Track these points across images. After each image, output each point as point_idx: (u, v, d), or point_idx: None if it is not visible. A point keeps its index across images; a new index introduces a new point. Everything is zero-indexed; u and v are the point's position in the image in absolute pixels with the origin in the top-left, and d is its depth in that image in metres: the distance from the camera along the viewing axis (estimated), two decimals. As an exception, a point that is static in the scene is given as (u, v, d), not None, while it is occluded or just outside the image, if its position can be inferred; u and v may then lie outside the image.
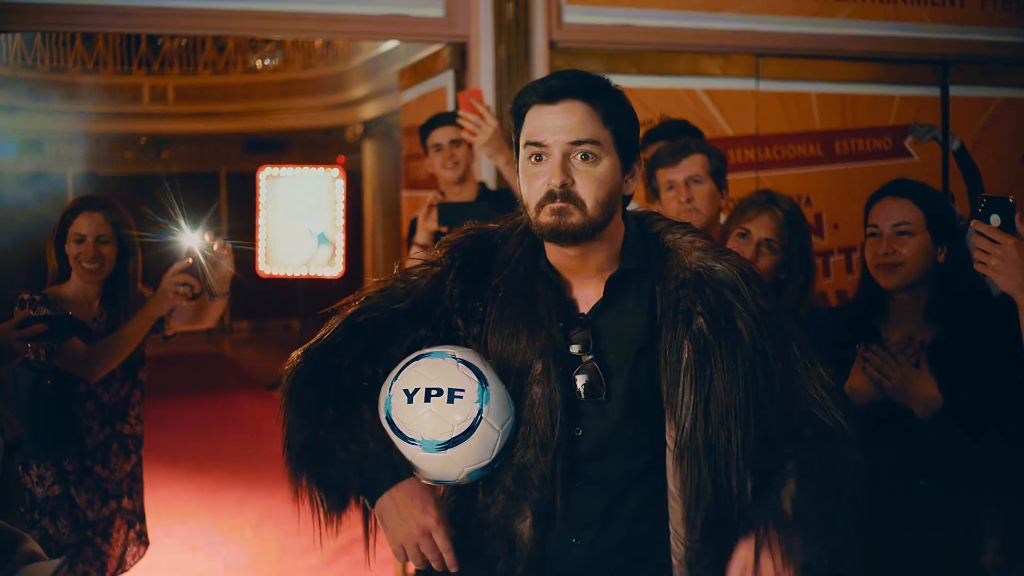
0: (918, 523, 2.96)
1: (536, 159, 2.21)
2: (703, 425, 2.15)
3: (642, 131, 5.73)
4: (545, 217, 2.18)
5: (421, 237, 4.56)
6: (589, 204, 2.18)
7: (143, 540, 4.20)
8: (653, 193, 4.06)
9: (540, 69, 6.25)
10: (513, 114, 2.28)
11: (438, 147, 4.89)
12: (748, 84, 6.88)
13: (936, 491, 2.96)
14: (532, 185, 2.21)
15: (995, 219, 2.52)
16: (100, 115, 16.19)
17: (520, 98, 2.26)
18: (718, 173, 3.89)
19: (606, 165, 2.20)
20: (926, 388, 2.90)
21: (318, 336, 2.36)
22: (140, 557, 4.20)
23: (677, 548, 2.20)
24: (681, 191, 3.83)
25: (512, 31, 6.24)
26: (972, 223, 2.56)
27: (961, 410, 2.87)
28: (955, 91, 7.22)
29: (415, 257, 2.47)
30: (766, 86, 6.90)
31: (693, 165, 3.86)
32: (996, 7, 7.20)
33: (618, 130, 2.22)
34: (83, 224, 4.01)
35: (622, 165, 2.25)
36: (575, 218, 2.17)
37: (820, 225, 6.94)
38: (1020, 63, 7.35)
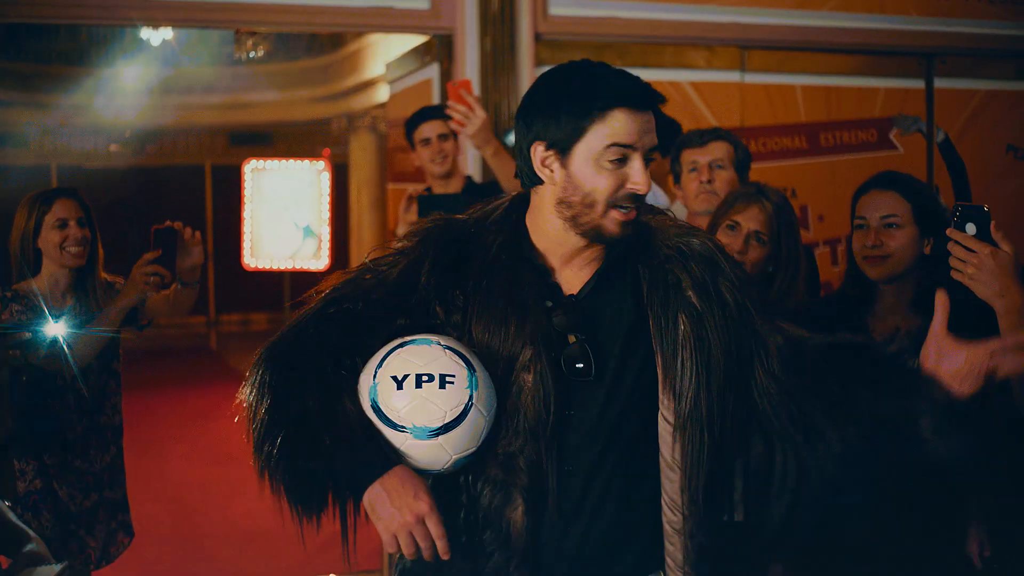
0: (903, 512, 2.96)
1: (620, 160, 2.22)
2: (706, 394, 2.21)
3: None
4: (613, 226, 2.24)
5: (403, 230, 4.56)
6: (644, 207, 2.29)
7: (127, 531, 4.19)
8: (675, 175, 4.11)
9: (526, 61, 6.24)
10: (583, 106, 2.24)
11: (426, 141, 4.89)
12: (733, 76, 6.89)
13: (922, 481, 2.97)
14: (606, 182, 2.23)
15: (970, 228, 2.54)
16: (84, 107, 16.12)
17: (603, 96, 2.24)
18: (741, 165, 3.99)
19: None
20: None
21: (282, 332, 2.36)
22: (124, 548, 4.19)
23: (674, 518, 2.23)
24: (704, 172, 3.94)
25: (498, 23, 6.24)
26: (947, 232, 2.57)
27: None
28: (940, 83, 7.24)
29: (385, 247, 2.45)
30: (751, 78, 6.91)
31: (719, 150, 3.96)
32: (981, 0, 7.22)
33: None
34: (61, 209, 4.02)
35: None
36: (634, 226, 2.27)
37: (805, 217, 6.96)
38: (1004, 55, 7.38)
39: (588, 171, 2.24)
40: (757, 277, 3.37)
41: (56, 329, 3.86)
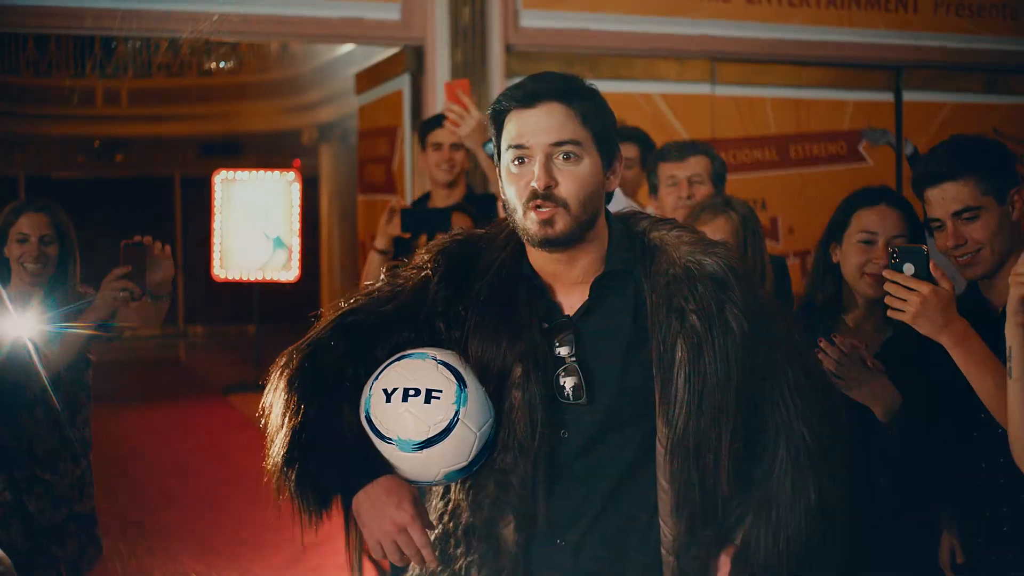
0: (878, 521, 2.97)
1: (519, 162, 2.23)
2: (695, 423, 2.17)
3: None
4: (532, 226, 2.21)
5: (381, 242, 4.53)
6: (573, 204, 2.20)
7: (97, 545, 4.16)
8: (652, 187, 4.12)
9: (497, 72, 6.25)
10: (492, 120, 2.30)
11: (437, 146, 4.88)
12: (704, 88, 6.92)
13: (896, 490, 2.98)
14: (516, 187, 2.24)
15: (908, 268, 2.59)
16: (53, 118, 16.04)
17: (499, 103, 2.28)
18: (718, 179, 4.01)
19: (587, 165, 2.23)
20: (884, 387, 2.91)
21: (306, 336, 2.38)
22: (94, 562, 4.16)
23: (666, 539, 2.22)
24: (683, 187, 3.96)
25: (468, 35, 6.25)
26: (885, 273, 2.62)
27: (918, 410, 2.89)
28: (908, 96, 7.30)
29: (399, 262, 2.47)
30: (722, 91, 6.95)
31: (698, 164, 3.98)
32: (949, 13, 7.29)
33: (597, 129, 2.25)
34: (25, 224, 3.99)
35: (603, 163, 2.27)
36: (562, 223, 2.20)
37: (776, 229, 6.99)
38: (972, 69, 7.44)
39: (505, 178, 2.27)
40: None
41: (22, 332, 3.83)
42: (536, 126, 2.21)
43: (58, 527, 4.00)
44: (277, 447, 2.27)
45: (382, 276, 2.44)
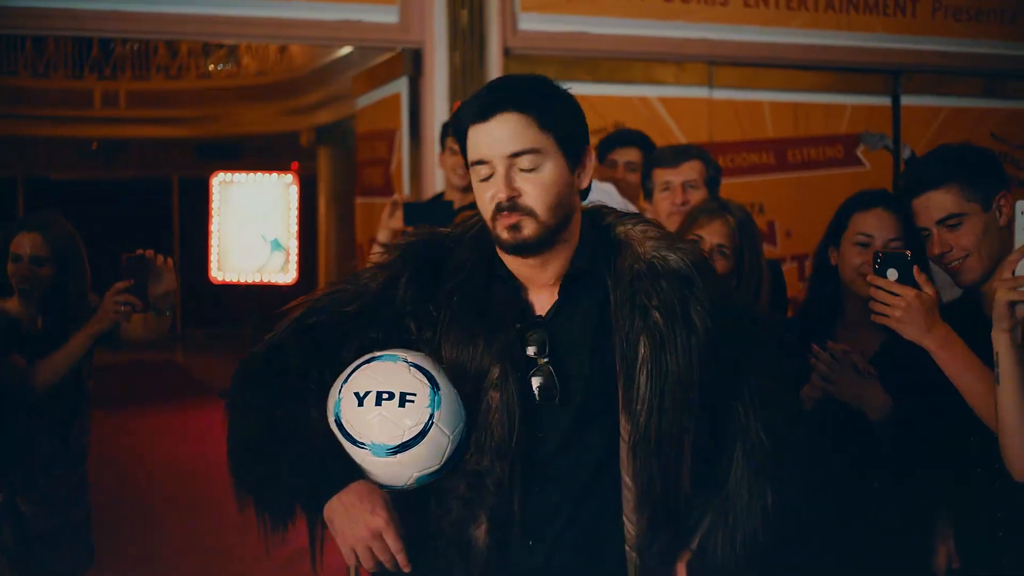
0: (872, 524, 2.98)
1: (484, 179, 2.22)
2: (657, 420, 2.17)
3: (595, 139, 5.75)
4: (503, 233, 2.20)
5: (384, 236, 4.52)
6: (540, 211, 2.19)
7: (90, 551, 4.14)
8: (646, 192, 4.11)
9: (495, 75, 6.24)
10: (456, 137, 2.29)
11: (454, 151, 4.88)
12: (701, 92, 6.92)
13: (890, 494, 2.98)
14: (482, 200, 2.24)
15: (892, 273, 2.63)
16: (50, 120, 16.01)
17: (457, 119, 2.27)
18: (712, 183, 3.99)
19: (550, 169, 2.20)
20: (876, 392, 2.92)
21: (266, 338, 2.35)
22: (88, 568, 4.15)
23: (629, 534, 2.21)
24: (677, 193, 3.92)
25: (467, 37, 6.25)
26: (869, 278, 2.67)
27: (911, 414, 2.90)
28: (906, 100, 7.30)
29: (372, 255, 2.45)
30: (719, 94, 6.95)
31: (692, 170, 3.95)
32: (947, 17, 7.29)
33: (558, 130, 2.22)
34: (20, 244, 3.97)
35: (568, 163, 2.24)
36: (529, 229, 2.18)
37: (773, 233, 6.99)
38: (970, 73, 7.44)
39: (475, 192, 2.27)
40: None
41: (18, 353, 3.84)
42: (492, 139, 2.19)
43: (52, 532, 3.99)
44: (241, 453, 2.24)
45: (347, 274, 2.42)
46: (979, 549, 2.85)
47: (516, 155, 2.18)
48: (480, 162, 2.21)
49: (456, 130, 2.28)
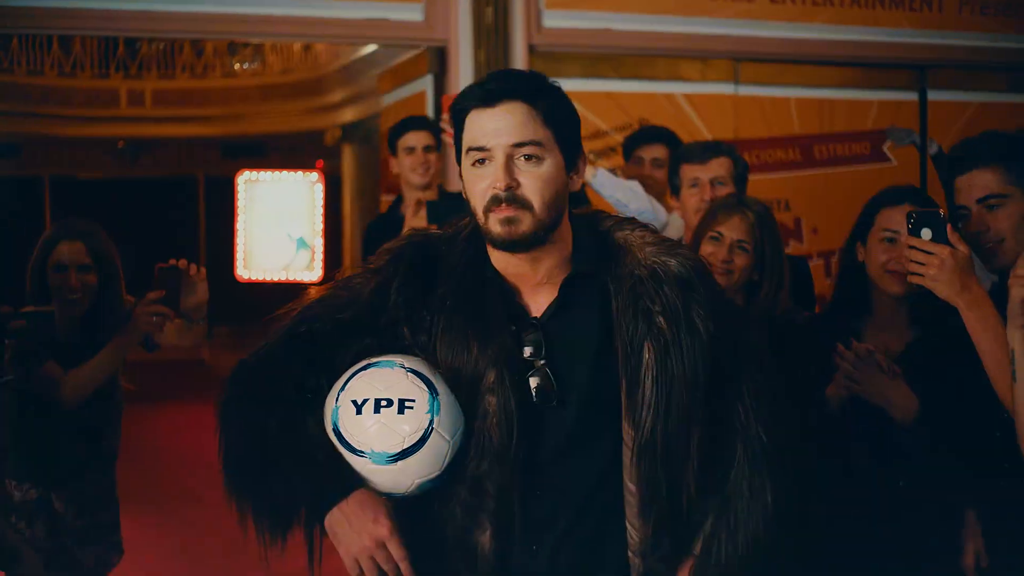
0: (898, 522, 2.96)
1: (479, 163, 2.19)
2: (663, 425, 2.15)
3: (621, 136, 5.74)
4: (495, 227, 2.16)
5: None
6: (536, 205, 2.16)
7: (118, 549, 4.16)
8: (673, 188, 4.09)
9: (520, 73, 6.24)
10: (453, 119, 2.26)
11: (410, 150, 4.88)
12: (727, 88, 6.90)
13: (916, 493, 2.97)
14: (476, 188, 2.19)
15: (926, 232, 2.61)
16: (77, 119, 16.09)
17: (459, 102, 2.24)
18: (740, 180, 3.98)
19: (550, 164, 2.18)
20: (902, 392, 2.90)
21: (258, 347, 2.32)
22: (114, 565, 4.17)
23: (633, 541, 2.19)
24: (705, 189, 3.90)
25: (491, 35, 6.25)
26: (904, 238, 2.67)
27: (938, 415, 2.88)
28: (933, 96, 7.26)
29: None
30: (745, 90, 6.93)
31: (721, 167, 3.94)
32: (973, 12, 7.25)
33: (560, 129, 2.21)
34: (63, 253, 3.93)
35: (566, 163, 2.22)
36: (525, 224, 2.15)
37: (799, 229, 6.97)
38: (997, 68, 7.39)
39: (466, 179, 2.23)
40: (744, 285, 3.37)
41: (56, 363, 3.84)
42: (496, 127, 2.17)
43: (81, 532, 4.00)
44: (235, 464, 2.22)
45: (335, 279, 2.37)
46: (1009, 546, 2.83)
47: (519, 145, 2.16)
48: (480, 148, 2.18)
49: (455, 112, 2.24)
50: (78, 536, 3.99)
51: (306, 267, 12.23)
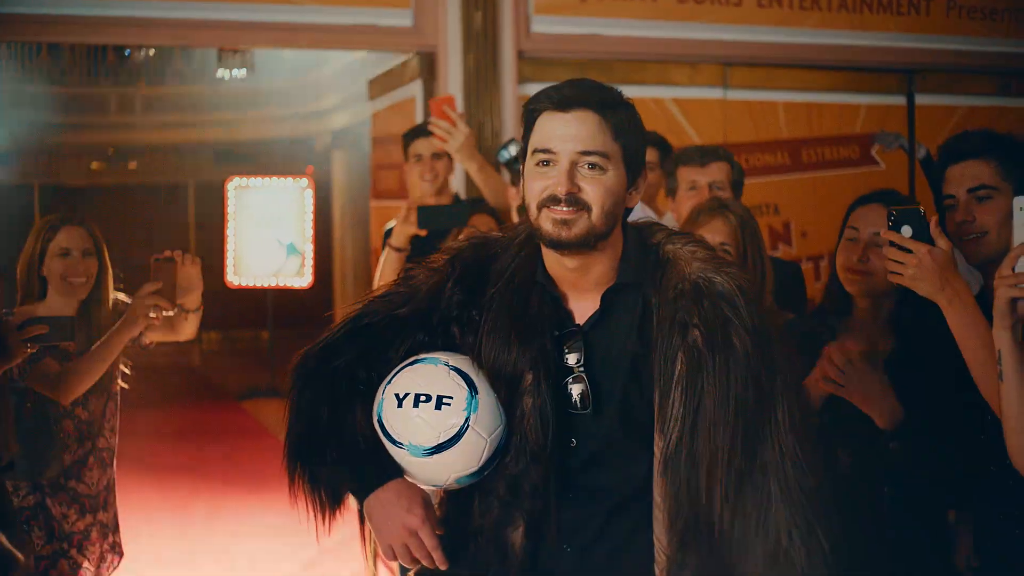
0: (886, 525, 2.97)
1: (543, 164, 2.22)
2: (689, 438, 2.14)
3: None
4: (547, 224, 2.20)
5: (398, 240, 4.52)
6: (595, 210, 2.19)
7: (117, 551, 4.16)
8: (669, 191, 4.11)
9: (509, 78, 6.26)
10: (524, 118, 2.30)
11: (419, 157, 4.88)
12: (716, 93, 6.92)
13: (902, 497, 2.97)
14: (534, 186, 2.23)
15: (906, 230, 2.58)
16: (67, 126, 16.09)
17: (533, 103, 2.28)
18: (736, 185, 4.01)
19: (612, 177, 2.21)
20: (887, 398, 2.90)
21: (319, 339, 2.41)
22: (114, 568, 4.17)
23: (659, 557, 2.19)
24: (703, 193, 3.94)
25: (480, 40, 6.25)
26: (883, 235, 2.62)
27: (923, 420, 2.88)
28: (921, 100, 7.28)
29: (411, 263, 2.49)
30: (733, 95, 6.94)
31: (719, 171, 3.97)
32: (961, 16, 7.27)
33: (627, 145, 2.24)
34: (66, 239, 3.95)
35: (628, 179, 2.26)
36: (579, 227, 2.19)
37: (788, 233, 6.98)
38: (985, 72, 7.42)
39: (527, 177, 2.26)
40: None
41: (53, 358, 3.84)
42: (566, 132, 2.20)
43: (81, 534, 4.00)
44: (291, 447, 2.32)
45: (399, 276, 2.46)
46: (997, 547, 2.83)
47: (586, 153, 2.19)
48: (547, 151, 2.21)
49: (528, 111, 2.28)
50: (77, 541, 3.99)
51: (296, 273, 12.23)
